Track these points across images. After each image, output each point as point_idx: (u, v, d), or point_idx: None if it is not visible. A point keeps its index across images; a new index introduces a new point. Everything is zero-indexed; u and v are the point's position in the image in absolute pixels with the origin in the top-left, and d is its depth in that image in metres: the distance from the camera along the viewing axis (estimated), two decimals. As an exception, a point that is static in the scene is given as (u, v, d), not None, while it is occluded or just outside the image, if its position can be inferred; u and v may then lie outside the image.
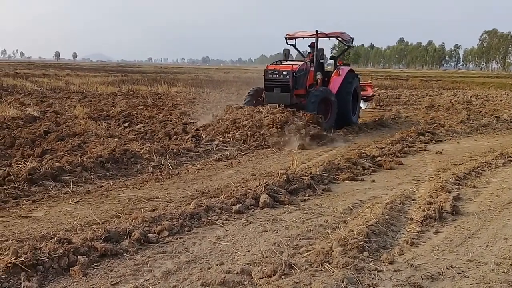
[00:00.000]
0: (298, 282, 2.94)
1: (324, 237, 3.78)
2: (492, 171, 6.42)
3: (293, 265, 3.18)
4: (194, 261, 3.30)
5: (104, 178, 5.63)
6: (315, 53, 10.94)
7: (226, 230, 3.94)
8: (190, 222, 4.01)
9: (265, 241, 3.69)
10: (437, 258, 3.42)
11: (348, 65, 12.05)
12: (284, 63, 10.95)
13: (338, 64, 11.62)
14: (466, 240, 3.83)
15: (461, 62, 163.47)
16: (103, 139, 7.84)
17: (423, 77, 47.22)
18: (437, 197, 4.79)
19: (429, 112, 14.96)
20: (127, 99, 16.20)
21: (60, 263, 3.08)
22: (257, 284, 2.96)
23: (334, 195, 5.17)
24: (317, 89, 10.51)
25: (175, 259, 3.32)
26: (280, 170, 5.82)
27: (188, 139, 7.83)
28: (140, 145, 7.22)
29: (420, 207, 4.55)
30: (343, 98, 10.77)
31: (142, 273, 3.09)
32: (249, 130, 8.46)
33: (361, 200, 4.93)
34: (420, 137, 9.11)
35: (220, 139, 8.13)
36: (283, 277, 3.01)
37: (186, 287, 2.92)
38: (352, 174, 5.97)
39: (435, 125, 11.03)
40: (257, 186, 4.98)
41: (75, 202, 4.67)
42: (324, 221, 4.19)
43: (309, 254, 3.36)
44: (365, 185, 5.66)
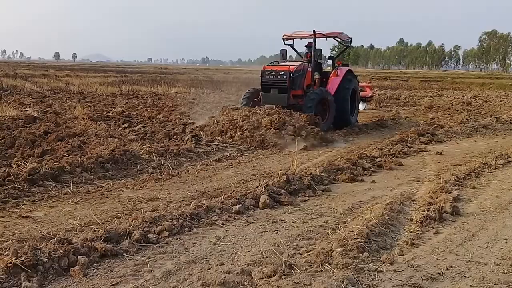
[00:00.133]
0: (298, 283, 2.94)
1: (324, 238, 3.78)
2: (492, 172, 6.42)
3: (293, 266, 3.18)
4: (194, 262, 3.30)
5: (104, 179, 5.63)
6: (313, 54, 10.85)
7: (226, 231, 3.94)
8: (190, 223, 4.01)
9: (265, 242, 3.69)
10: (437, 259, 3.42)
11: (347, 66, 12.01)
12: (281, 64, 10.89)
13: (337, 65, 11.56)
14: (466, 241, 3.83)
15: (461, 63, 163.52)
16: (103, 140, 7.84)
17: (423, 78, 47.24)
18: (437, 198, 4.79)
19: (429, 113, 14.96)
20: (127, 100, 16.19)
21: (60, 264, 3.08)
22: (257, 285, 2.96)
23: (334, 196, 5.17)
24: (315, 90, 10.40)
25: (175, 260, 3.32)
26: (280, 171, 5.82)
27: (188, 140, 7.83)
28: (140, 146, 7.23)
29: (420, 208, 4.55)
30: (341, 99, 10.66)
31: (142, 274, 3.09)
32: (248, 131, 8.44)
33: (361, 201, 4.93)
34: (420, 138, 9.12)
35: (220, 140, 8.13)
36: (283, 278, 3.01)
37: (186, 288, 2.93)
38: (352, 175, 5.98)
39: (435, 126, 11.01)
40: (257, 187, 4.99)
41: (75, 203, 4.67)
42: (324, 222, 4.19)
43: (309, 255, 3.36)
44: (365, 186, 5.66)
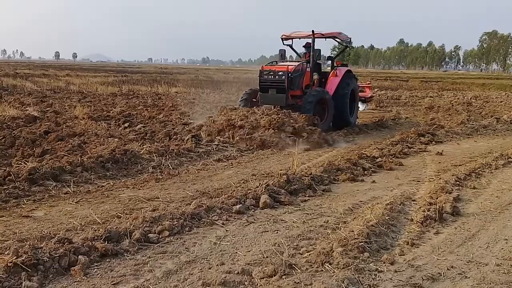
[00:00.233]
0: (299, 283, 2.94)
1: (325, 238, 3.78)
2: (492, 172, 6.42)
3: (294, 266, 3.18)
4: (195, 261, 3.30)
5: (105, 178, 5.63)
6: (312, 54, 10.80)
7: (227, 230, 3.94)
8: (191, 222, 4.01)
9: (266, 242, 3.69)
10: (438, 259, 3.42)
11: (346, 66, 11.97)
12: (280, 64, 10.84)
13: (336, 65, 11.53)
14: (467, 241, 3.83)
15: (461, 63, 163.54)
16: (103, 139, 7.84)
17: (423, 78, 47.25)
18: (437, 198, 4.79)
19: (429, 113, 14.95)
20: (127, 100, 16.20)
21: (61, 263, 3.08)
22: (258, 284, 2.96)
23: (334, 196, 5.17)
24: (313, 90, 10.37)
25: (176, 259, 3.32)
26: (281, 171, 5.83)
27: (188, 140, 7.83)
28: (140, 145, 7.23)
29: (420, 208, 4.55)
30: (340, 99, 10.62)
31: (143, 273, 3.09)
32: (247, 131, 8.42)
33: (361, 201, 4.93)
34: (420, 138, 9.11)
35: (221, 140, 8.12)
36: (284, 277, 3.01)
37: (187, 287, 2.92)
38: (352, 175, 5.97)
39: (435, 126, 11.00)
40: (258, 187, 4.99)
41: (76, 202, 4.67)
42: (325, 222, 4.19)
43: (310, 255, 3.36)
44: (365, 186, 5.66)
